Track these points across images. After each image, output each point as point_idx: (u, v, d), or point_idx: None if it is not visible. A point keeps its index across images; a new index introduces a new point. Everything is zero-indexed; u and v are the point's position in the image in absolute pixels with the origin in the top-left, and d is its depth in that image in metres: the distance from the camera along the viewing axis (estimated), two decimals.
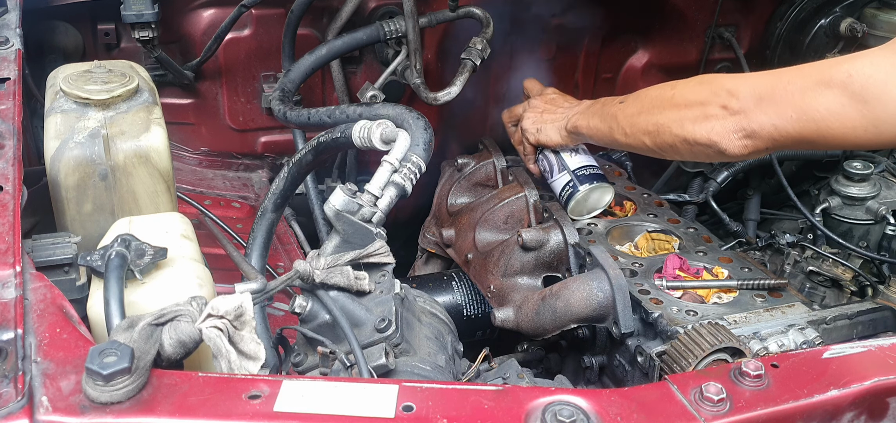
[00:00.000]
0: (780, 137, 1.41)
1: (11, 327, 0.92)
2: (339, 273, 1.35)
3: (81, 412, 0.83)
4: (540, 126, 1.96)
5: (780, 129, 1.40)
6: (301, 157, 1.69)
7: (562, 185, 1.94)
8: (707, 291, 1.70)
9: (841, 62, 1.36)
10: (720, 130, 1.48)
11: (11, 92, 1.41)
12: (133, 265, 1.15)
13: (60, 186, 1.42)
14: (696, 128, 1.51)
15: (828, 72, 1.36)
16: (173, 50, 2.29)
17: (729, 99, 1.47)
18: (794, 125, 1.38)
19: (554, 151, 1.97)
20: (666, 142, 1.58)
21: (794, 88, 1.39)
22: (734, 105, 1.46)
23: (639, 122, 1.64)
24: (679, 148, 1.57)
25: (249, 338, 1.03)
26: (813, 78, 1.38)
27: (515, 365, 1.60)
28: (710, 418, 0.96)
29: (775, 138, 1.42)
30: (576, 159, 1.96)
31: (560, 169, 1.95)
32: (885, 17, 2.65)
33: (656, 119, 1.60)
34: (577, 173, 1.93)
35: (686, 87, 1.59)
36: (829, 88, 1.34)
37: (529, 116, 2.00)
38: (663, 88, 1.65)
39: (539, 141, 1.97)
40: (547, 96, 2.03)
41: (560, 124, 1.91)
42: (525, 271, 1.83)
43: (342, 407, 0.90)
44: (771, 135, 1.42)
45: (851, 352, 1.08)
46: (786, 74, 1.43)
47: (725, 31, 2.78)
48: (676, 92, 1.59)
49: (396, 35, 2.21)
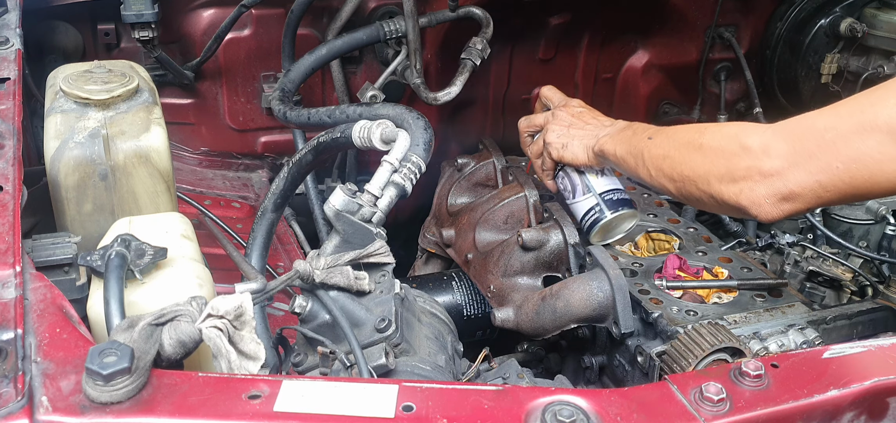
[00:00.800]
0: (825, 193, 1.26)
1: (11, 327, 0.92)
2: (339, 273, 1.35)
3: (81, 412, 0.83)
4: (566, 142, 1.78)
5: (825, 184, 1.25)
6: (301, 157, 1.69)
7: (586, 208, 1.79)
8: (707, 291, 1.70)
9: (883, 99, 1.22)
10: (750, 195, 1.33)
11: (11, 92, 1.41)
12: (133, 265, 1.15)
13: (60, 186, 1.42)
14: (724, 188, 1.36)
15: (871, 111, 1.22)
16: (173, 50, 2.30)
17: (762, 159, 1.31)
18: (842, 178, 1.23)
19: (578, 171, 1.81)
20: (691, 194, 1.45)
21: (834, 135, 1.23)
22: (767, 166, 1.30)
23: (664, 167, 1.50)
24: (705, 203, 1.44)
25: (249, 338, 1.03)
26: (853, 120, 1.23)
27: (515, 365, 1.60)
28: (710, 418, 0.96)
29: (820, 196, 1.27)
30: (602, 182, 1.80)
31: (584, 191, 1.79)
32: (885, 17, 2.65)
33: (681, 169, 1.45)
34: (604, 197, 1.78)
35: (715, 136, 1.42)
36: (876, 131, 1.20)
37: (554, 130, 1.81)
38: (693, 131, 1.49)
39: (563, 158, 1.80)
40: (572, 109, 1.84)
41: (588, 143, 1.74)
42: (525, 271, 1.83)
43: (342, 407, 0.90)
44: (816, 193, 1.27)
45: (851, 352, 1.08)
46: (820, 119, 1.28)
47: (725, 31, 2.78)
48: (705, 140, 1.43)
49: (396, 35, 2.21)
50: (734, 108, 2.98)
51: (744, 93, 2.93)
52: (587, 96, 2.76)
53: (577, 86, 2.73)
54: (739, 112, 3.02)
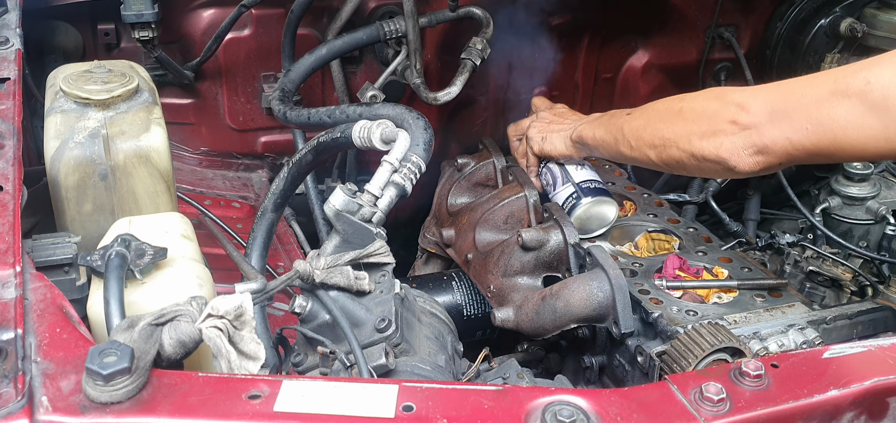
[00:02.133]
0: (794, 150, 1.35)
1: (11, 327, 0.92)
2: (339, 273, 1.35)
3: (81, 412, 0.83)
4: (545, 136, 1.92)
5: (794, 142, 1.35)
6: (301, 157, 1.69)
7: (564, 197, 1.90)
8: (707, 291, 1.70)
9: (857, 70, 1.29)
10: (729, 146, 1.42)
11: (11, 92, 1.41)
12: (133, 265, 1.15)
13: (60, 186, 1.42)
14: (704, 143, 1.45)
15: (843, 81, 1.29)
16: (173, 50, 2.29)
17: (739, 113, 1.41)
18: (809, 138, 1.32)
19: (558, 164, 1.94)
20: (672, 157, 1.53)
21: (809, 100, 1.33)
22: (744, 119, 1.40)
23: (644, 135, 1.58)
24: (686, 163, 1.51)
25: (249, 338, 1.03)
26: (827, 88, 1.31)
27: (515, 365, 1.60)
28: (710, 418, 0.96)
29: (790, 153, 1.36)
30: (581, 173, 1.91)
31: (564, 181, 1.91)
32: (885, 17, 2.65)
33: (662, 133, 1.54)
34: (581, 186, 1.88)
35: (695, 100, 1.53)
36: (846, 98, 1.28)
37: (535, 126, 1.97)
38: (671, 101, 1.59)
39: (543, 151, 1.92)
40: (556, 110, 1.99)
41: (566, 133, 1.86)
42: (525, 271, 1.83)
43: (342, 407, 0.90)
44: (785, 149, 1.36)
45: (851, 352, 1.08)
46: (798, 85, 1.37)
47: (725, 31, 2.78)
48: (685, 105, 1.53)
49: (396, 35, 2.21)
50: None
51: None
52: (587, 96, 2.76)
53: (577, 86, 2.73)
54: None
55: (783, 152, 1.37)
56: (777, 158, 1.39)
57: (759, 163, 1.40)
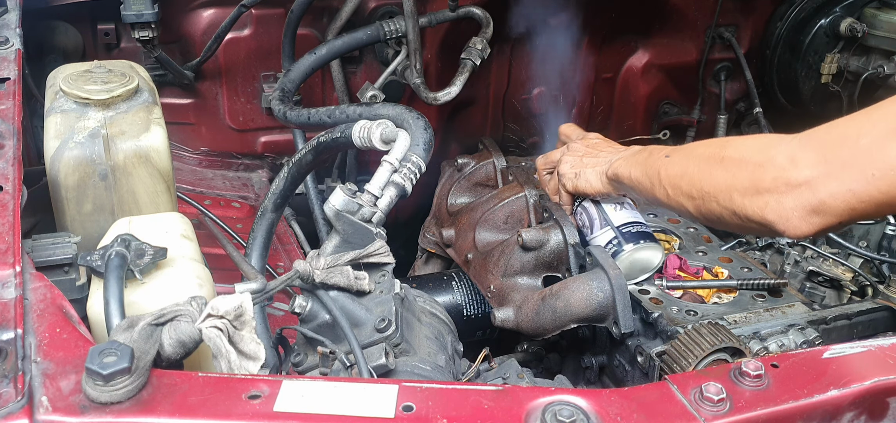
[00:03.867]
0: (860, 204, 1.16)
1: (11, 327, 0.92)
2: (339, 273, 1.35)
3: (81, 412, 0.83)
4: (578, 171, 1.72)
5: (860, 195, 1.15)
6: (301, 157, 1.69)
7: (604, 243, 1.73)
8: (707, 291, 1.70)
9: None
10: (777, 207, 1.23)
11: (11, 92, 1.41)
12: (133, 265, 1.15)
13: (60, 186, 1.42)
14: (748, 202, 1.26)
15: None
16: (173, 50, 2.30)
17: (788, 169, 1.21)
18: (879, 186, 1.13)
19: (595, 202, 1.76)
20: (712, 211, 1.34)
21: (870, 142, 1.14)
22: (794, 176, 1.20)
23: (682, 183, 1.39)
24: (727, 220, 1.33)
25: (249, 338, 1.03)
26: (888, 126, 1.14)
27: (515, 365, 1.60)
28: (710, 418, 0.96)
29: (854, 208, 1.17)
30: (621, 215, 1.73)
31: (602, 224, 1.74)
32: (885, 17, 2.65)
33: (701, 183, 1.35)
34: (622, 230, 1.71)
35: (739, 147, 1.33)
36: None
37: (567, 161, 1.76)
38: (714, 145, 1.41)
39: (578, 188, 1.73)
40: (588, 141, 1.79)
41: (601, 169, 1.67)
42: (525, 271, 1.83)
43: (342, 407, 0.90)
44: (849, 204, 1.17)
45: (851, 352, 1.08)
46: (851, 127, 1.19)
47: (725, 31, 2.78)
48: (728, 152, 1.33)
49: (396, 35, 2.21)
50: (734, 108, 2.99)
51: (744, 93, 2.93)
52: (587, 96, 2.76)
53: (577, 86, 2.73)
54: (739, 112, 3.02)
55: (845, 208, 1.18)
56: (837, 217, 1.19)
57: (815, 225, 1.21)
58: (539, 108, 2.70)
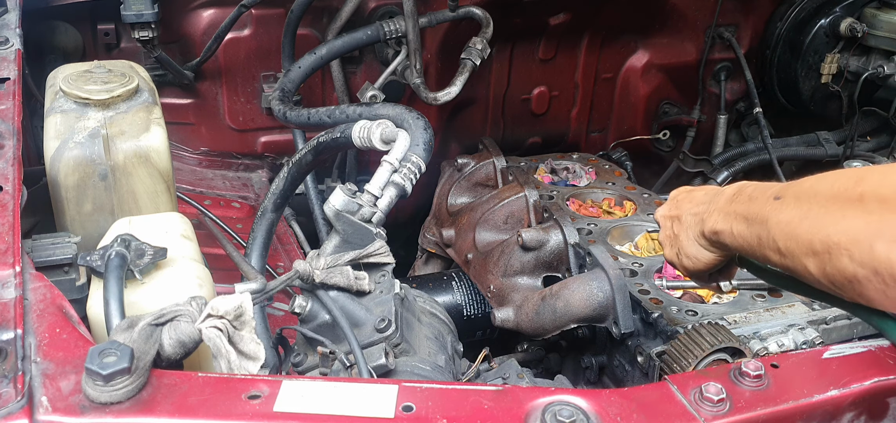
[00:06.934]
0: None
1: (11, 327, 0.92)
2: (339, 273, 1.34)
3: (81, 412, 0.83)
4: (678, 249, 1.31)
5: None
6: (301, 157, 1.69)
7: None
8: (707, 291, 1.70)
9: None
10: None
11: (11, 92, 1.41)
12: (133, 265, 1.15)
13: (60, 186, 1.42)
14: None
15: None
16: (173, 50, 2.30)
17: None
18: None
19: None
20: (843, 271, 0.93)
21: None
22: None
23: (800, 232, 0.99)
24: (862, 282, 0.92)
25: (249, 338, 1.03)
26: None
27: (515, 365, 1.60)
28: (710, 418, 0.96)
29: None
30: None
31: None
32: (885, 17, 2.65)
33: (828, 230, 0.95)
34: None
35: (884, 178, 0.93)
36: None
37: (665, 244, 1.37)
38: (844, 178, 0.97)
39: (686, 268, 1.32)
40: (669, 207, 1.38)
41: (694, 233, 1.27)
42: (525, 271, 1.83)
43: (342, 407, 0.90)
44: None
45: (851, 352, 1.08)
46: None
47: (725, 31, 2.78)
48: (865, 187, 0.93)
49: (396, 35, 2.21)
50: (734, 108, 2.99)
51: (744, 93, 2.93)
52: (587, 96, 2.76)
53: (577, 86, 2.73)
54: (739, 112, 3.02)
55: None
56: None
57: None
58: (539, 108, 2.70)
